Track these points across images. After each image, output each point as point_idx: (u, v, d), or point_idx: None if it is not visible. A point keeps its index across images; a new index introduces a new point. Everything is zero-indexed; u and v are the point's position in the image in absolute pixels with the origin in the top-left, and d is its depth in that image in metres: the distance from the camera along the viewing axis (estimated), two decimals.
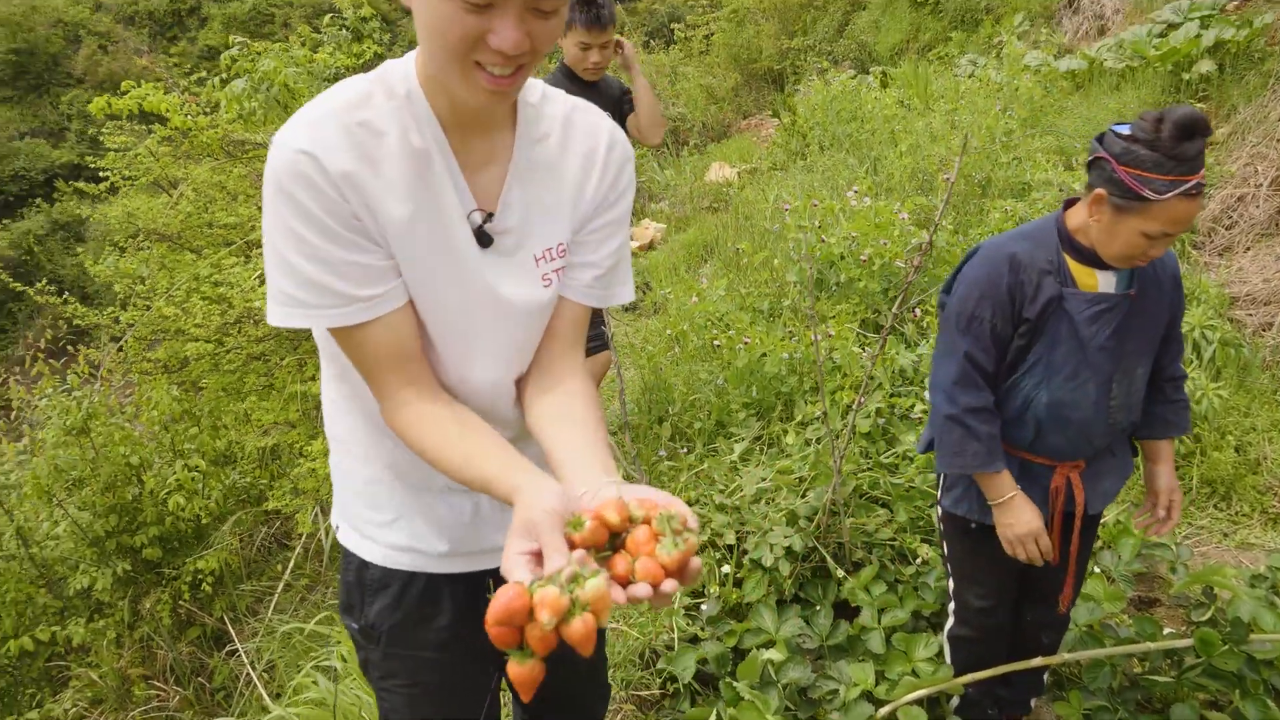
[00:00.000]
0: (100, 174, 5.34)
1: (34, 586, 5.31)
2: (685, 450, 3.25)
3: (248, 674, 4.67)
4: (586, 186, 1.24)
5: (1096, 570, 2.75)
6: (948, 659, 2.29)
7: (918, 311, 3.67)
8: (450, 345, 1.20)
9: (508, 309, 1.20)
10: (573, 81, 3.16)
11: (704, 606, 2.67)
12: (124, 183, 5.42)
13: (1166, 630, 2.44)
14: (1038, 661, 2.22)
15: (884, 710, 2.22)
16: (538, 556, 0.87)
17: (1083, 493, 1.94)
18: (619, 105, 3.34)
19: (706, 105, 13.47)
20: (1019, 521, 1.87)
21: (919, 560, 2.74)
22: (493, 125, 1.17)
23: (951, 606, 2.23)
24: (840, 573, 2.70)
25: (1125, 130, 1.69)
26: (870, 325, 3.84)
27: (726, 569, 2.72)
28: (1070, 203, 1.86)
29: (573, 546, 0.87)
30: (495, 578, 1.31)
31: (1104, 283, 1.81)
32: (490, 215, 1.17)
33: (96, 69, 39.41)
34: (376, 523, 1.33)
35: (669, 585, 0.85)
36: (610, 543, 0.90)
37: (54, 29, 39.79)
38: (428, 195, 1.12)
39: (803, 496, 2.84)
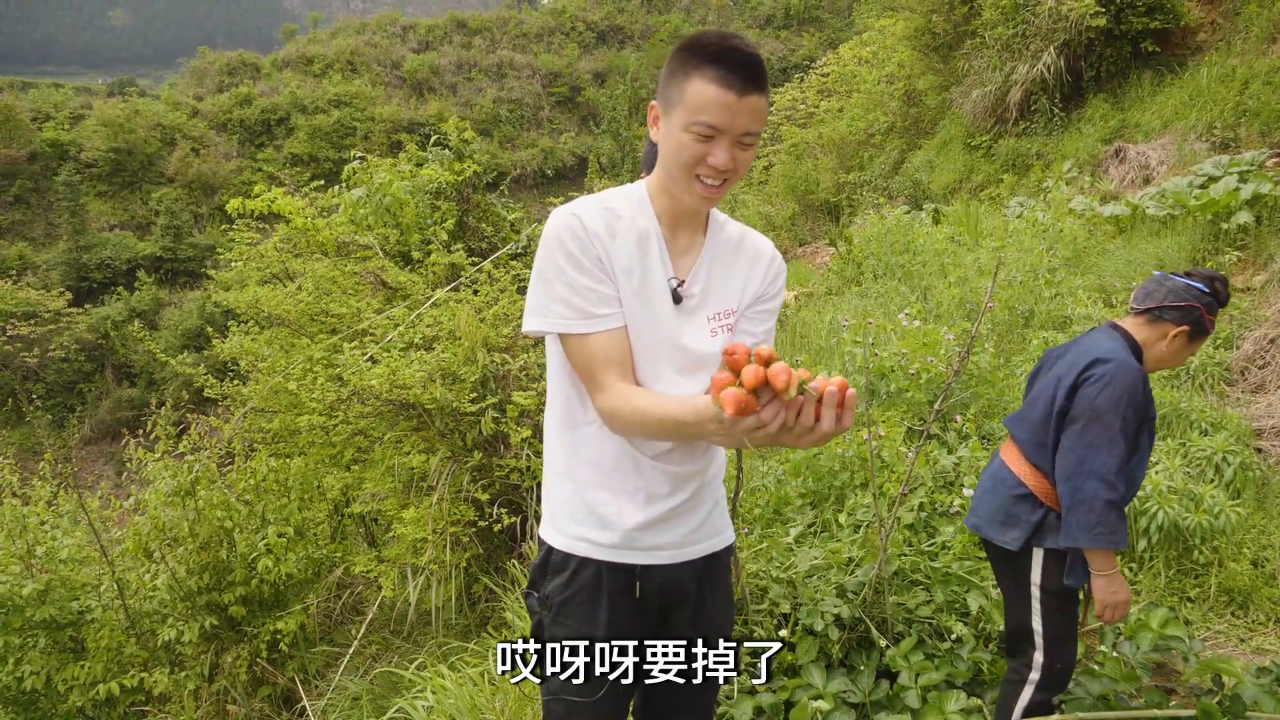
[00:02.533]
0: (230, 264, 6.02)
1: (125, 635, 5.67)
2: (746, 531, 3.64)
3: None
4: (754, 277, 1.79)
5: (1115, 655, 3.06)
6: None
7: (958, 418, 4.07)
8: (643, 363, 1.70)
9: (684, 350, 1.72)
10: None
11: (760, 664, 3.01)
12: (247, 271, 6.10)
13: (1173, 702, 2.74)
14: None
15: None
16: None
17: None
18: None
19: (764, 231, 14.16)
20: (1121, 590, 2.33)
21: (954, 637, 3.07)
22: (694, 226, 1.75)
23: (1035, 679, 2.50)
24: (883, 642, 3.03)
25: (1203, 288, 2.41)
26: (917, 434, 4.25)
27: (783, 633, 3.07)
28: (1114, 326, 2.49)
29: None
30: (640, 576, 1.78)
31: None
32: (682, 283, 1.72)
33: (187, 170, 42.04)
34: (563, 518, 1.81)
35: (849, 391, 1.28)
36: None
37: (153, 132, 42.72)
38: (644, 261, 1.68)
39: (851, 574, 3.20)
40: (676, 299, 1.71)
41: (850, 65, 20.88)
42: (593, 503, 1.76)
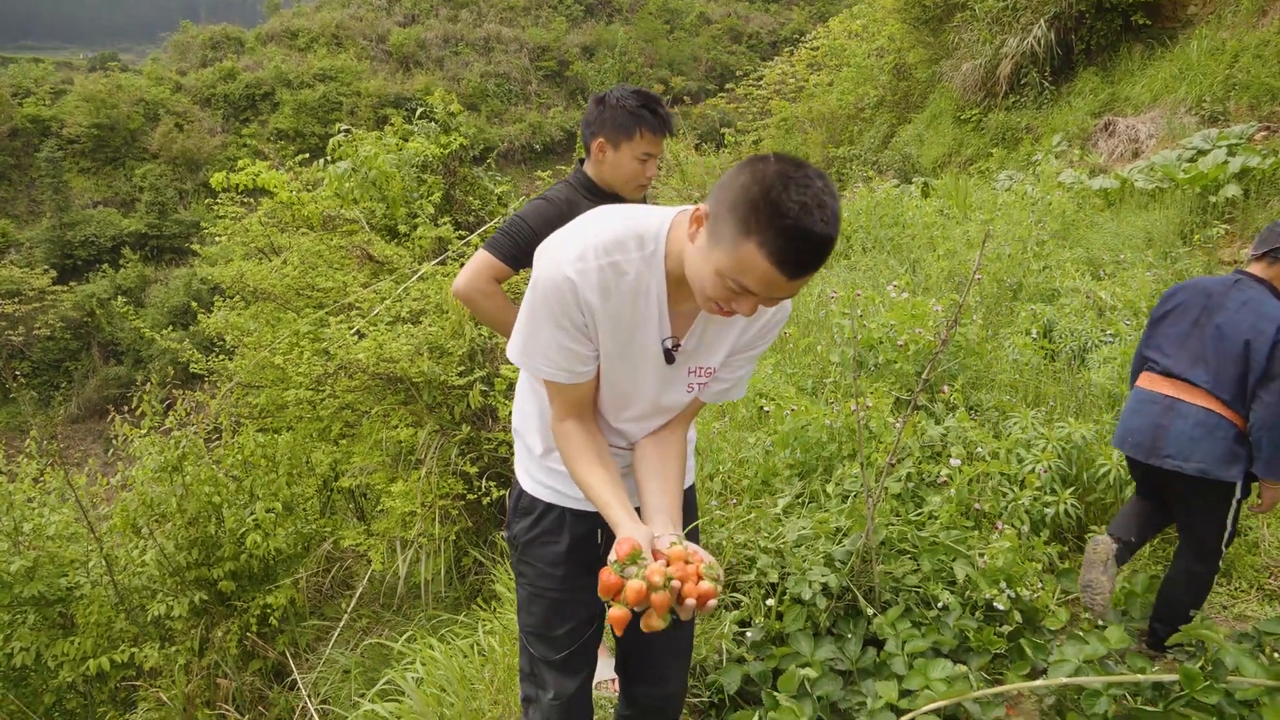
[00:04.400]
0: (215, 238, 5.97)
1: (114, 611, 5.67)
2: (734, 503, 3.65)
3: (304, 705, 5.00)
4: (749, 330, 1.74)
5: (1100, 621, 3.09)
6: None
7: (946, 389, 4.08)
8: (616, 403, 1.76)
9: (656, 401, 1.76)
10: (598, 198, 2.73)
11: (749, 633, 3.03)
12: (232, 246, 6.05)
13: (1155, 667, 2.76)
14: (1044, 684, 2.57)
15: (905, 718, 2.56)
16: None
17: None
18: None
19: None
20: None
21: (941, 605, 3.09)
22: None
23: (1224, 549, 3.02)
24: (870, 611, 3.05)
25: None
26: (905, 405, 4.26)
27: (770, 602, 3.09)
28: (1247, 274, 3.03)
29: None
30: (603, 525, 1.79)
31: None
32: (678, 344, 1.69)
33: (171, 146, 41.60)
34: (533, 465, 1.89)
35: (710, 602, 1.43)
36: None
37: (135, 107, 42.21)
38: (637, 320, 1.63)
39: (839, 543, 3.21)
40: (670, 359, 1.68)
41: (840, 39, 20.74)
42: (558, 461, 1.83)
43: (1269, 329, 2.84)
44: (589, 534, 1.87)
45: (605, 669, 3.07)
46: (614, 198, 2.80)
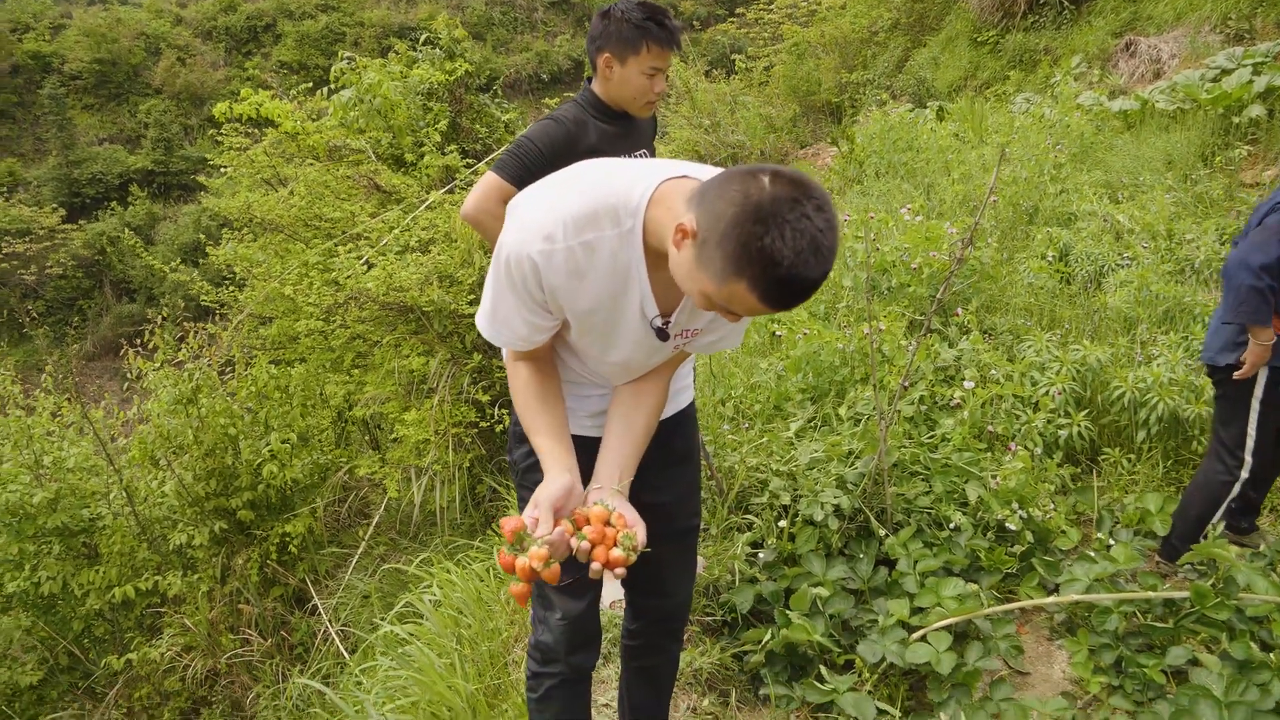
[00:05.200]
0: (220, 170, 5.91)
1: (136, 541, 5.77)
2: (746, 427, 3.65)
3: (325, 630, 5.11)
4: None
5: (1113, 543, 3.10)
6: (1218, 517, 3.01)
7: (960, 312, 4.04)
8: (597, 355, 1.72)
9: (645, 364, 1.75)
10: (607, 117, 2.73)
11: (761, 554, 3.06)
12: (238, 178, 6.00)
13: (1167, 584, 2.78)
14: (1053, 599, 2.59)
15: (916, 634, 2.59)
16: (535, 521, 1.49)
17: None
18: (652, 138, 3.02)
19: (765, 134, 13.91)
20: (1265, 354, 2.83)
21: (952, 526, 3.10)
22: None
23: (1244, 477, 2.97)
24: (882, 531, 3.07)
25: None
26: (918, 328, 4.23)
27: (782, 524, 3.10)
28: None
29: (573, 518, 1.52)
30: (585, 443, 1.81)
31: None
32: (668, 321, 1.62)
33: (174, 80, 41.08)
34: None
35: (614, 570, 1.47)
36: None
37: (136, 41, 41.60)
38: (617, 300, 1.57)
39: (851, 466, 3.22)
40: (663, 336, 1.63)
41: None
42: None
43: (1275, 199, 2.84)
44: (587, 460, 1.81)
45: (614, 590, 3.11)
46: (623, 116, 2.74)
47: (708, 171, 1.51)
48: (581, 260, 1.49)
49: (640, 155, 2.80)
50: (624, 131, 2.74)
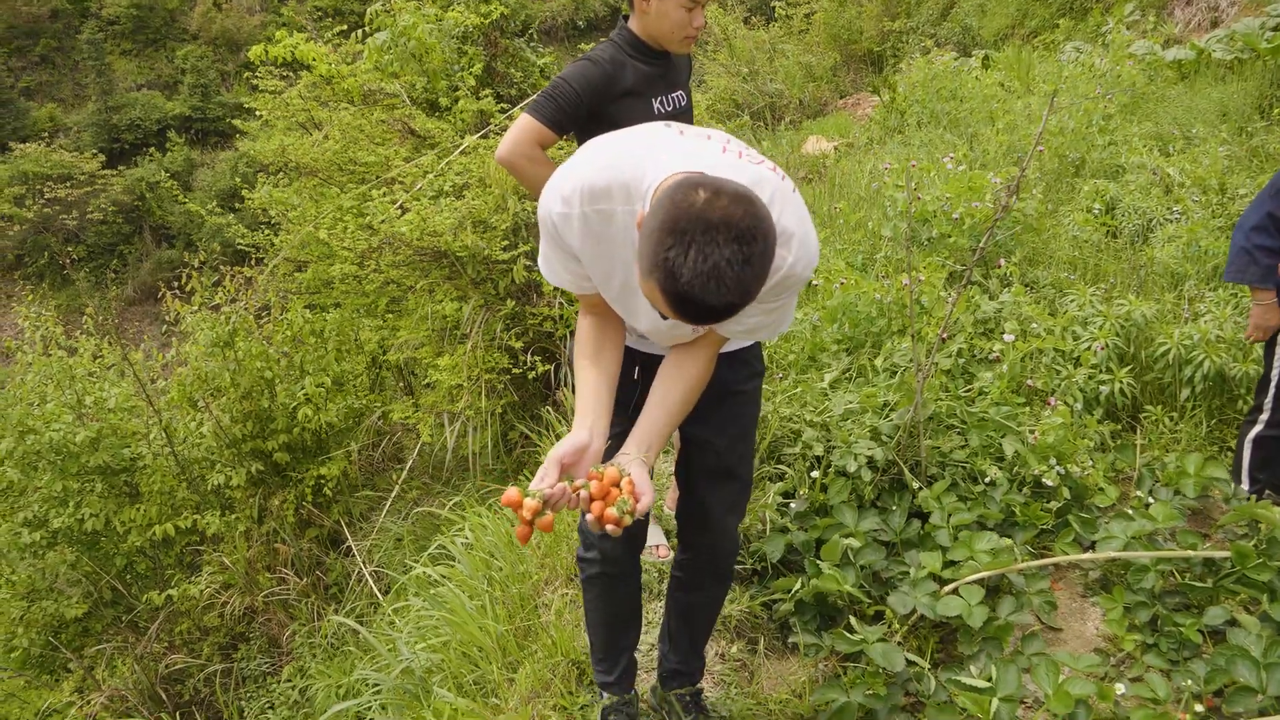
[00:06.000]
0: (256, 114, 5.90)
1: (175, 480, 5.88)
2: (780, 377, 3.62)
3: (359, 571, 5.19)
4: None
5: (1152, 502, 3.04)
6: (1245, 463, 3.08)
7: (1002, 263, 3.95)
8: (627, 321, 1.79)
9: (669, 334, 1.76)
10: (645, 56, 2.64)
11: (793, 504, 3.04)
12: (273, 121, 5.99)
13: (1208, 544, 2.73)
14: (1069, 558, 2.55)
15: (948, 587, 2.57)
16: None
17: None
18: (688, 79, 2.90)
19: (804, 83, 13.63)
20: (1272, 318, 2.92)
21: (988, 480, 3.06)
22: None
23: (1265, 418, 3.03)
24: (915, 484, 3.03)
25: None
26: (958, 279, 4.14)
27: (815, 475, 3.08)
28: None
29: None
30: (641, 363, 1.94)
31: None
32: None
33: (210, 26, 41.06)
34: None
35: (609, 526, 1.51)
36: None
37: None
38: (628, 267, 1.61)
39: (886, 418, 3.18)
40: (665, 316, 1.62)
41: None
42: None
43: None
44: (625, 369, 1.86)
45: (654, 535, 3.12)
46: (661, 55, 2.67)
47: (725, 161, 1.52)
48: (597, 227, 1.57)
49: (677, 97, 2.74)
50: (661, 72, 2.67)
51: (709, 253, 1.25)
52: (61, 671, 5.59)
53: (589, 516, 1.53)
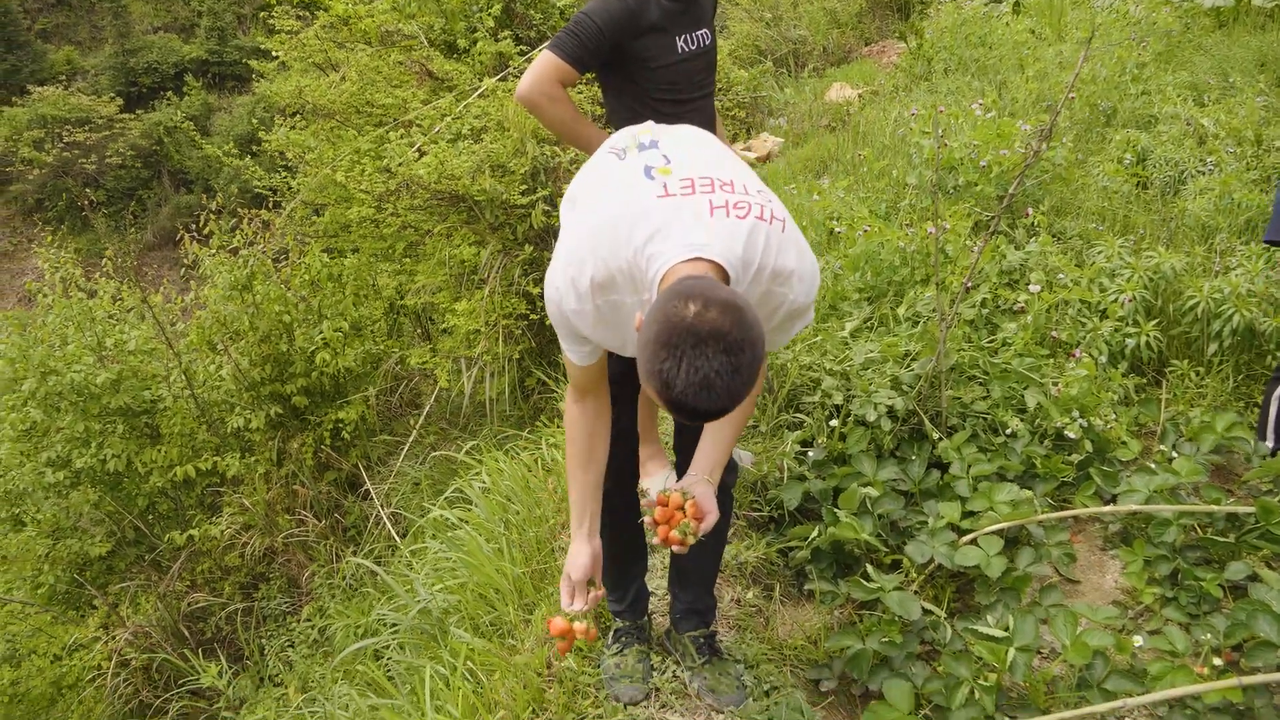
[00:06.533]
0: (273, 54, 5.83)
1: (195, 423, 5.92)
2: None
3: (377, 514, 5.23)
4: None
5: (1175, 456, 3.00)
6: (1271, 419, 2.99)
7: (1029, 212, 3.87)
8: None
9: None
10: None
11: (811, 453, 3.02)
12: (290, 63, 5.91)
13: (1231, 499, 2.70)
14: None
15: (966, 538, 2.56)
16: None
17: None
18: (713, 16, 2.80)
19: (829, 29, 13.33)
20: None
21: (1009, 432, 3.03)
22: None
23: None
24: (935, 434, 3.01)
25: None
26: (984, 227, 4.07)
27: (834, 424, 3.06)
28: None
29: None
30: None
31: None
32: None
33: None
34: None
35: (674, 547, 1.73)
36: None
37: None
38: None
39: (907, 368, 3.14)
40: None
41: None
42: None
43: None
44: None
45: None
46: None
47: (716, 224, 1.54)
48: (609, 315, 1.65)
49: (702, 35, 2.67)
50: (684, 8, 2.60)
51: (699, 365, 1.31)
52: (87, 608, 5.70)
53: (655, 540, 1.72)
